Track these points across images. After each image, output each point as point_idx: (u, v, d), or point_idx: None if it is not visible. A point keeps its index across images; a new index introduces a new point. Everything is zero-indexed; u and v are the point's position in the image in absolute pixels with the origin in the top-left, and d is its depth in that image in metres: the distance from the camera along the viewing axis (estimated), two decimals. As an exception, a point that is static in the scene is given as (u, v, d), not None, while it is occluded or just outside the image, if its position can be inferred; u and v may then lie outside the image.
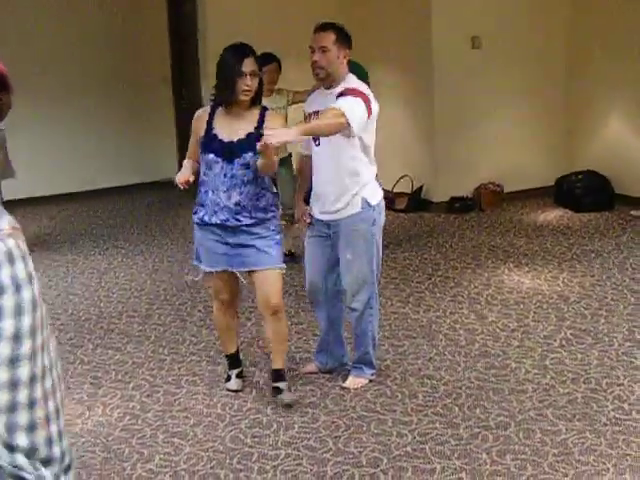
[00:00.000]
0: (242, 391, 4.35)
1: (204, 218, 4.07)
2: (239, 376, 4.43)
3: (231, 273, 4.14)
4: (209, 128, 4.04)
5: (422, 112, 8.24)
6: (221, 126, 4.02)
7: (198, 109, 4.29)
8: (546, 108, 8.46)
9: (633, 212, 7.60)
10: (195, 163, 4.15)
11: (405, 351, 4.80)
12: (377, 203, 4.18)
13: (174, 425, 4.03)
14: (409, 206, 8.12)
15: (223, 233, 4.04)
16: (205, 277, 4.26)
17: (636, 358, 4.54)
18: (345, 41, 4.09)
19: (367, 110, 3.95)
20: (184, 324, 5.40)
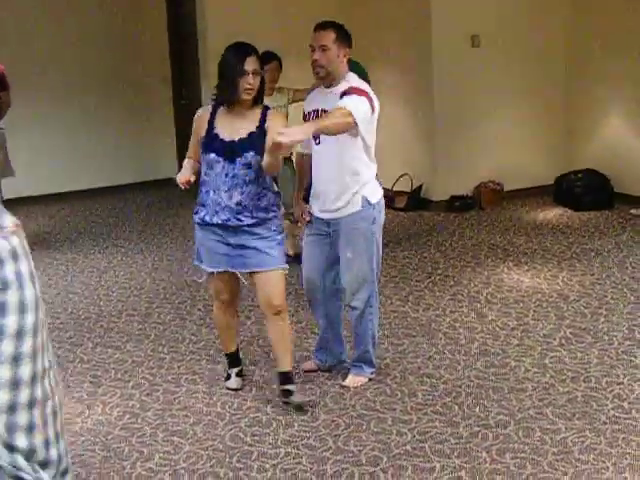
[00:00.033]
0: (242, 390, 4.35)
1: (205, 218, 4.04)
2: (239, 375, 4.43)
3: (232, 274, 4.12)
4: (210, 128, 4.01)
5: (422, 111, 8.24)
6: (222, 125, 3.99)
7: (198, 109, 4.27)
8: (546, 107, 8.46)
9: (633, 211, 7.60)
10: (196, 163, 4.12)
11: (405, 350, 4.80)
12: (377, 201, 4.18)
13: (174, 424, 4.03)
14: (409, 205, 8.13)
15: (224, 233, 4.02)
16: (209, 278, 4.24)
17: (636, 357, 4.54)
18: (345, 40, 4.10)
19: (371, 109, 3.98)
20: (184, 323, 5.41)
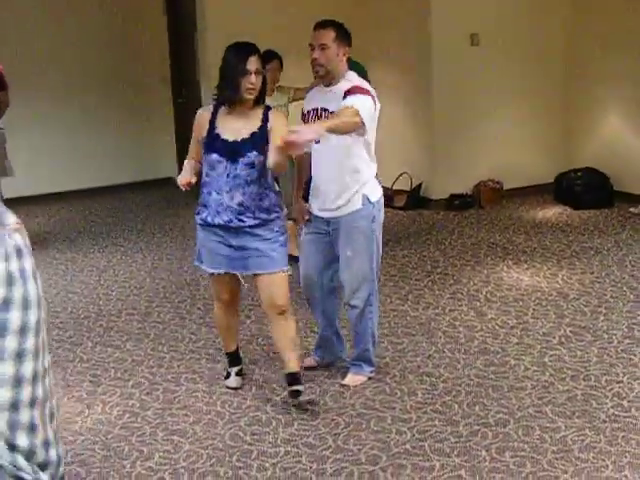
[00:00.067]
0: (242, 389, 4.35)
1: (207, 219, 4.02)
2: (239, 374, 4.43)
3: (232, 274, 4.12)
4: (212, 128, 3.98)
5: (421, 109, 8.24)
6: (224, 126, 3.96)
7: (198, 108, 4.25)
8: (545, 106, 8.46)
9: (632, 209, 7.60)
10: (197, 164, 4.08)
11: (404, 348, 4.80)
12: (377, 200, 4.19)
13: (173, 423, 4.03)
14: (408, 203, 8.12)
15: (226, 235, 4.00)
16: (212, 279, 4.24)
17: (635, 355, 4.54)
18: (345, 38, 4.10)
19: (373, 107, 4.00)
20: (183, 322, 5.41)
